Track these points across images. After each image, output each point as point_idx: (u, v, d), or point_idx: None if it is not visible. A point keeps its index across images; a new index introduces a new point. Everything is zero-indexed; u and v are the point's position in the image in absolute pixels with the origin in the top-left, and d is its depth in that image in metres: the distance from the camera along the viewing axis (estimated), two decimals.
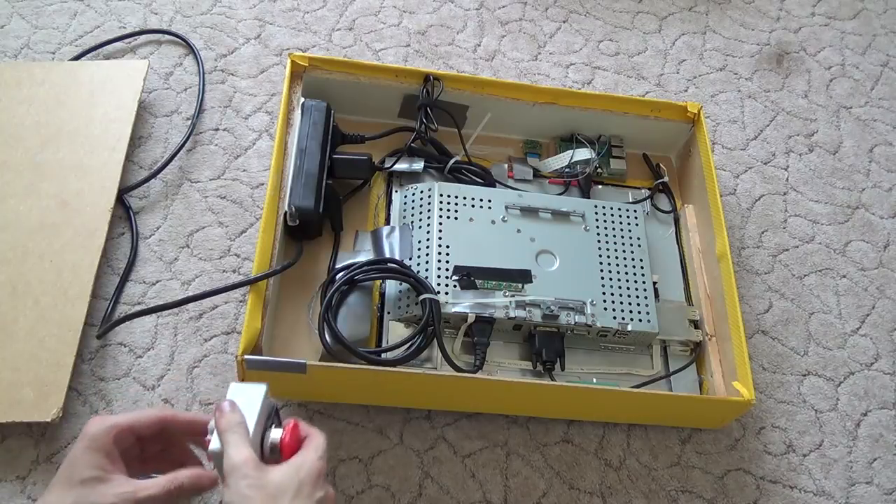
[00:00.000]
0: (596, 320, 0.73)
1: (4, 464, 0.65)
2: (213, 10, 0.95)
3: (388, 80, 0.82)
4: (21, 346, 0.68)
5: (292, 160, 0.75)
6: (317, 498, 0.49)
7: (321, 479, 0.50)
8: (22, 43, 0.89)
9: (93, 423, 0.51)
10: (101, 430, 0.50)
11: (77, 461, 0.49)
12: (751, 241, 0.90)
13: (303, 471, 0.49)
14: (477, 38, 1.00)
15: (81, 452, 0.49)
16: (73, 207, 0.75)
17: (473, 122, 0.85)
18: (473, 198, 0.78)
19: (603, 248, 0.78)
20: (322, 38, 0.96)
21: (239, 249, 0.79)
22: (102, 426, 0.50)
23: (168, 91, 0.88)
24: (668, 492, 0.72)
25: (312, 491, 0.49)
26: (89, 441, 0.50)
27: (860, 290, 0.88)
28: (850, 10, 1.14)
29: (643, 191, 0.87)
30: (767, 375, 0.81)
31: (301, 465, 0.50)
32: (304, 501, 0.49)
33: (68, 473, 0.49)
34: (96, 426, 0.50)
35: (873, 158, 0.99)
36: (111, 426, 0.51)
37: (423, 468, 0.70)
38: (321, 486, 0.50)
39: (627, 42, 1.04)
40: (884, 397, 0.81)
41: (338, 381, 0.66)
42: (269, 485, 0.48)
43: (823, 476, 0.76)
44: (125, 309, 0.74)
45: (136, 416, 0.52)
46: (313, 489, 0.49)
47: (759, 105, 1.01)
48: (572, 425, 0.74)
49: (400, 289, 0.73)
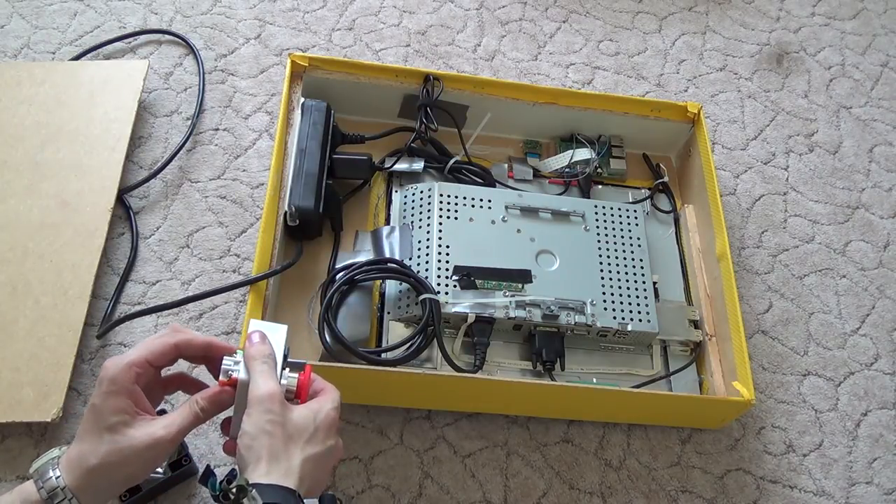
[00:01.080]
0: (596, 320, 0.73)
1: (4, 464, 0.65)
2: (213, 10, 0.95)
3: (388, 80, 0.82)
4: (21, 346, 0.68)
5: (292, 160, 0.75)
6: (328, 445, 0.50)
7: (334, 428, 0.51)
8: (22, 43, 0.89)
9: (109, 365, 0.50)
10: (119, 372, 0.49)
11: (101, 408, 0.49)
12: (751, 241, 0.90)
13: (319, 416, 0.50)
14: (477, 38, 1.00)
15: (104, 398, 0.49)
16: (73, 207, 0.75)
17: (473, 122, 0.85)
18: (473, 198, 0.78)
19: (603, 248, 0.78)
20: (322, 38, 0.96)
21: (239, 249, 0.79)
22: (119, 367, 0.49)
23: (168, 91, 0.88)
24: (668, 492, 0.72)
25: (325, 437, 0.50)
26: (108, 384, 0.49)
27: (860, 290, 0.88)
28: (850, 10, 1.14)
29: (643, 191, 0.87)
30: (767, 375, 0.81)
31: (318, 410, 0.51)
32: (317, 446, 0.49)
33: (94, 420, 0.49)
34: (113, 368, 0.49)
35: (873, 158, 0.99)
36: (128, 365, 0.50)
37: (423, 468, 0.70)
38: (333, 435, 0.51)
39: (627, 42, 1.04)
40: (884, 397, 0.81)
41: (338, 381, 0.66)
42: (288, 423, 0.49)
43: (823, 476, 0.76)
44: (125, 309, 0.74)
45: (150, 348, 0.51)
46: (326, 436, 0.50)
47: (759, 105, 1.01)
48: (572, 425, 0.74)
49: (400, 289, 0.73)
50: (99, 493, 0.49)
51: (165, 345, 0.52)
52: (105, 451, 0.48)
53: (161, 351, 0.51)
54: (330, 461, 0.51)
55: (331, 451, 0.51)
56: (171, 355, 0.52)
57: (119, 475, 0.49)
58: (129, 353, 0.51)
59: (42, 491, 0.48)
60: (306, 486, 0.48)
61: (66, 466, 0.49)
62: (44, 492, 0.48)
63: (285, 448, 0.48)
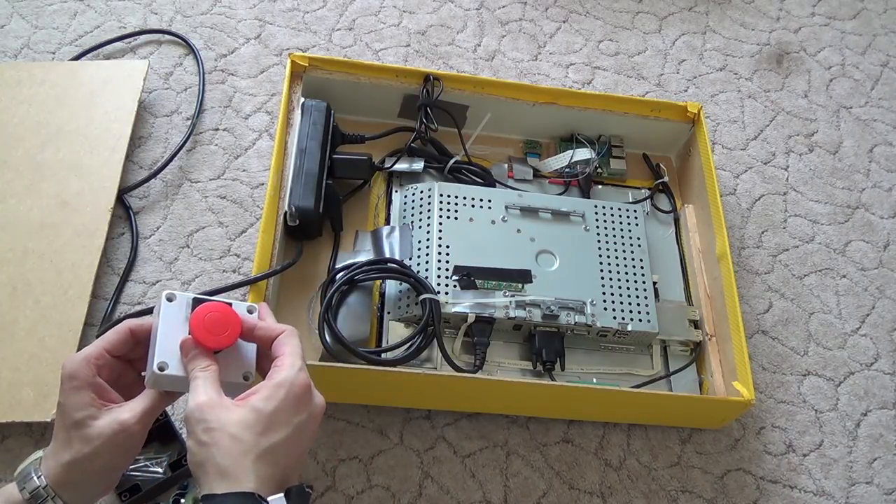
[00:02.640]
0: (596, 320, 0.73)
1: (4, 464, 0.65)
2: (213, 10, 0.95)
3: (388, 80, 0.82)
4: (21, 346, 0.68)
5: (292, 160, 0.75)
6: (295, 423, 0.46)
7: (301, 399, 0.47)
8: (22, 43, 0.89)
9: (67, 363, 0.49)
10: (78, 367, 0.49)
11: (66, 405, 0.49)
12: (751, 241, 0.90)
13: (276, 400, 0.46)
14: (477, 38, 1.00)
15: (66, 395, 0.49)
16: (73, 207, 0.75)
17: (473, 122, 0.85)
18: (473, 198, 0.78)
19: (603, 248, 0.78)
20: (322, 38, 0.96)
21: (239, 249, 0.79)
22: (77, 363, 0.49)
23: (168, 91, 0.88)
24: (668, 492, 0.72)
25: (287, 418, 0.46)
26: (69, 381, 0.49)
27: (860, 290, 0.88)
28: (850, 10, 1.14)
29: (643, 191, 0.87)
30: (767, 375, 0.81)
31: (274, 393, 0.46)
32: (277, 433, 0.45)
33: (62, 418, 0.49)
34: (71, 365, 0.49)
35: (873, 158, 0.99)
36: (85, 360, 0.49)
37: (423, 468, 0.70)
38: (298, 408, 0.47)
39: (627, 42, 1.04)
40: (884, 397, 0.81)
41: (338, 381, 0.66)
42: (229, 426, 0.45)
43: (823, 476, 0.76)
44: (125, 309, 0.74)
45: (106, 340, 0.51)
46: (287, 416, 0.46)
47: (759, 105, 1.01)
48: (572, 425, 0.74)
49: (400, 289, 0.73)
50: (80, 487, 0.49)
51: (120, 332, 0.51)
52: (76, 447, 0.48)
53: (117, 339, 0.51)
54: (303, 435, 0.47)
55: (301, 426, 0.47)
56: (129, 342, 0.52)
57: (94, 466, 0.49)
58: (86, 348, 0.50)
59: (24, 492, 0.48)
60: (273, 478, 0.45)
61: (45, 466, 0.49)
62: (26, 492, 0.48)
63: (228, 453, 0.44)
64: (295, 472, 0.47)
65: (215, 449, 0.44)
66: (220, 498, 0.42)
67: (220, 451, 0.44)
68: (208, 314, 0.50)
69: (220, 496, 0.43)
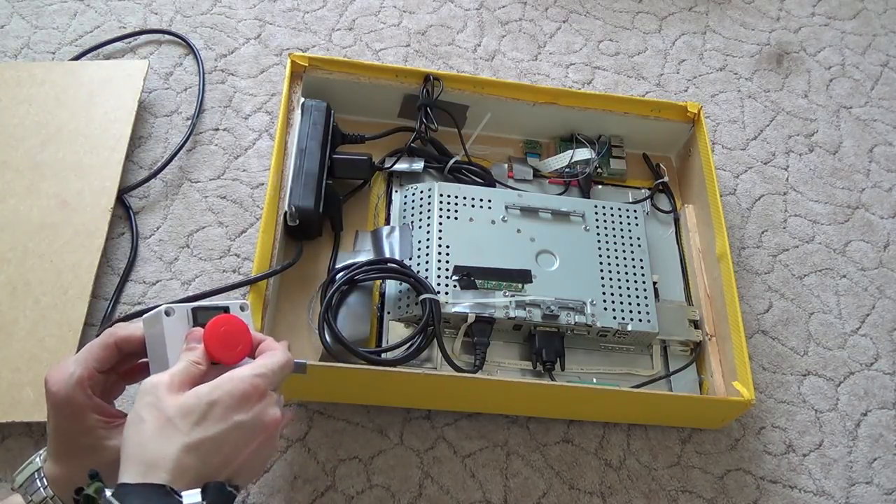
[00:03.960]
0: (596, 320, 0.73)
1: (4, 464, 0.65)
2: (213, 10, 0.95)
3: (388, 80, 0.82)
4: (21, 346, 0.68)
5: (292, 160, 0.75)
6: (236, 420, 0.43)
7: (252, 398, 0.44)
8: (22, 43, 0.89)
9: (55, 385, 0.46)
10: (73, 393, 0.46)
11: (70, 431, 0.46)
12: (751, 241, 0.90)
13: (220, 390, 0.43)
14: (477, 38, 1.00)
15: (68, 421, 0.46)
16: (73, 207, 0.75)
17: (473, 122, 0.85)
18: (473, 198, 0.78)
19: (603, 248, 0.78)
20: (322, 38, 0.96)
21: (239, 249, 0.79)
22: (70, 387, 0.46)
23: (168, 91, 0.88)
24: (668, 492, 0.72)
25: (229, 412, 0.43)
26: (67, 407, 0.46)
27: (860, 290, 0.88)
28: (850, 10, 1.14)
29: (643, 191, 0.87)
30: (767, 375, 0.81)
31: (222, 383, 0.44)
32: (214, 425, 0.42)
33: (68, 443, 0.47)
34: (64, 389, 0.46)
35: (873, 158, 0.99)
36: (78, 383, 0.46)
37: (423, 468, 0.70)
38: (248, 406, 0.44)
39: (627, 42, 1.04)
40: (884, 397, 0.81)
41: (338, 381, 0.66)
42: (167, 407, 0.42)
43: (823, 476, 0.76)
44: (125, 309, 0.74)
45: (93, 357, 0.48)
46: (230, 411, 0.43)
47: (759, 105, 1.01)
48: (572, 425, 0.74)
49: (400, 289, 0.73)
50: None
51: (108, 346, 0.48)
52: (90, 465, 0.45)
53: (105, 356, 0.48)
54: (243, 436, 0.44)
55: (241, 426, 0.43)
56: (116, 356, 0.49)
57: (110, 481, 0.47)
58: (73, 368, 0.47)
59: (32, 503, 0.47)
60: (197, 473, 0.42)
61: (55, 486, 0.47)
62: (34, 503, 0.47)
63: (158, 436, 0.41)
64: (236, 476, 0.44)
65: (146, 427, 0.42)
66: (131, 487, 0.40)
67: (151, 431, 0.42)
68: (223, 328, 0.47)
69: (132, 486, 0.40)
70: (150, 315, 0.49)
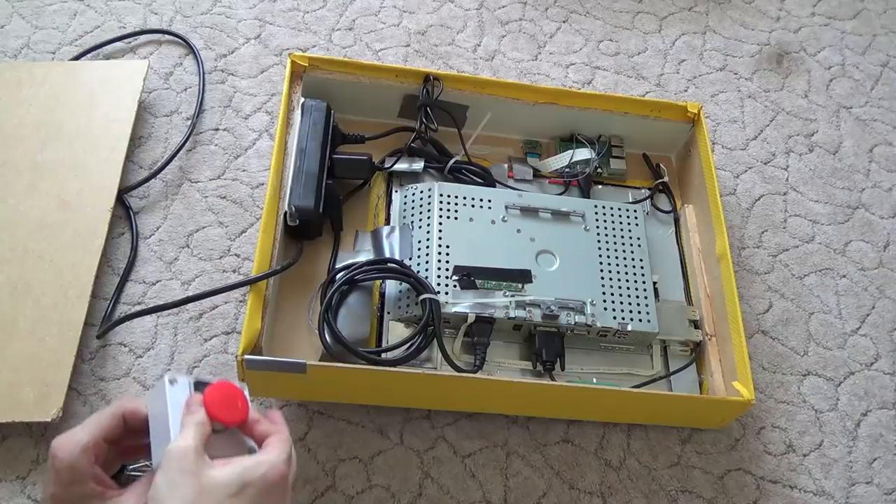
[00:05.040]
0: (596, 320, 0.73)
1: (4, 464, 0.65)
2: (213, 10, 0.95)
3: (388, 80, 0.82)
4: (21, 346, 0.68)
5: (292, 160, 0.75)
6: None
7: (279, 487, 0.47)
8: (22, 43, 0.89)
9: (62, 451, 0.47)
10: (78, 460, 0.47)
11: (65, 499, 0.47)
12: (751, 241, 0.90)
13: (256, 472, 0.46)
14: (477, 38, 1.00)
15: (66, 488, 0.47)
16: (73, 207, 0.75)
17: (473, 122, 0.85)
18: (473, 198, 0.78)
19: (603, 248, 0.78)
20: (322, 38, 0.96)
21: (239, 249, 0.79)
22: (76, 454, 0.47)
23: (168, 91, 0.88)
24: (668, 492, 0.72)
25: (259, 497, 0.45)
26: (70, 474, 0.47)
27: (860, 290, 0.88)
28: (850, 10, 1.14)
29: (643, 191, 0.87)
30: (767, 375, 0.81)
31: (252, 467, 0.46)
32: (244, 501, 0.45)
33: None
34: (70, 456, 0.47)
35: (873, 158, 0.99)
36: (84, 451, 0.47)
37: (423, 468, 0.70)
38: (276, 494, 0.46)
39: (627, 42, 1.04)
40: (884, 397, 0.81)
41: (338, 381, 0.66)
42: (203, 476, 0.44)
43: (823, 476, 0.76)
44: (125, 309, 0.74)
45: (102, 425, 0.49)
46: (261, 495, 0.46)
47: (759, 105, 1.01)
48: (572, 425, 0.74)
49: (400, 289, 0.73)
50: None
51: (116, 417, 0.50)
52: None
53: (112, 426, 0.49)
54: None
55: None
56: (121, 427, 0.50)
57: None
58: (81, 436, 0.48)
59: None
60: None
61: None
62: None
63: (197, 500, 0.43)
64: None
65: (182, 492, 0.44)
66: None
67: (188, 497, 0.44)
68: (222, 391, 0.50)
69: None
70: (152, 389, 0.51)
